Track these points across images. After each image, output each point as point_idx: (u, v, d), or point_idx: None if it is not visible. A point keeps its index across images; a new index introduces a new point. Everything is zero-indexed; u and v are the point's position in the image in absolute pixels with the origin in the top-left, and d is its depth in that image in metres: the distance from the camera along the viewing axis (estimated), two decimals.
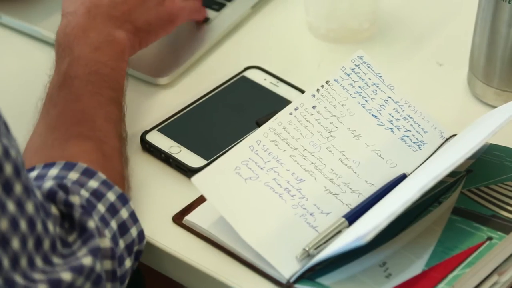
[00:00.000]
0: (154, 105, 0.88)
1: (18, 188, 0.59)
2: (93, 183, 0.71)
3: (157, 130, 0.84)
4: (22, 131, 0.62)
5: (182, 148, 0.82)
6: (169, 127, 0.84)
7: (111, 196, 0.71)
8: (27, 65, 0.91)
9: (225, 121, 0.85)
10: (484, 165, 0.77)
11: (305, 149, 0.78)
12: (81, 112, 0.76)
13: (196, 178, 0.73)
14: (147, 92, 0.89)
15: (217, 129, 0.85)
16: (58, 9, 0.93)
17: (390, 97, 0.81)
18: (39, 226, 0.61)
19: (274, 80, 0.88)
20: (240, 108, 0.86)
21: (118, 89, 0.80)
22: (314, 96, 0.80)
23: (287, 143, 0.78)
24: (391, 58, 0.92)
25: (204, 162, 0.81)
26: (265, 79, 0.88)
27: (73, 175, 0.70)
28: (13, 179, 0.59)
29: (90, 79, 0.78)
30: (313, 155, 0.78)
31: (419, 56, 0.92)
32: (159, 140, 0.83)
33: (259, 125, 0.81)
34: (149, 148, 0.83)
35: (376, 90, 0.82)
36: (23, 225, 0.59)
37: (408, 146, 0.80)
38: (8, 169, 0.58)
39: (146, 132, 0.83)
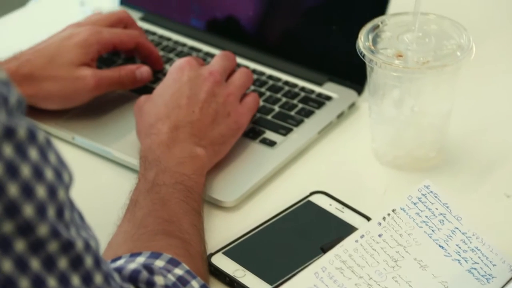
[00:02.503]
0: (220, 227, 0.88)
1: (98, 279, 0.60)
2: (178, 271, 0.73)
3: (222, 253, 0.84)
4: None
5: (246, 272, 0.82)
6: (234, 250, 0.84)
7: (195, 284, 0.73)
8: (98, 185, 0.93)
9: (290, 246, 0.85)
10: None
11: (371, 278, 0.77)
12: (168, 214, 0.80)
13: None
14: (212, 214, 0.90)
15: (282, 253, 0.85)
16: (129, 131, 0.96)
17: (457, 228, 0.81)
18: None
19: (340, 206, 0.88)
20: (305, 233, 0.86)
21: (199, 201, 0.85)
22: (380, 224, 0.80)
23: (352, 271, 0.77)
24: (458, 188, 0.92)
25: (269, 287, 0.80)
26: (330, 205, 0.89)
27: (159, 263, 0.73)
28: (93, 271, 0.60)
29: (176, 187, 0.83)
30: (379, 284, 0.77)
31: (486, 187, 0.92)
32: (224, 263, 0.83)
33: (324, 251, 0.81)
34: (213, 271, 0.83)
35: (443, 220, 0.81)
36: None
37: (476, 279, 0.79)
38: (89, 261, 0.59)
39: (211, 254, 0.84)
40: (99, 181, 0.94)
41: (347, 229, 0.85)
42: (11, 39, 1.13)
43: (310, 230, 0.87)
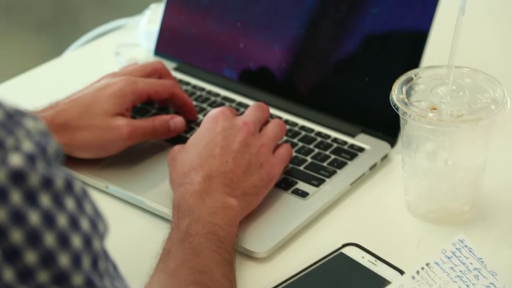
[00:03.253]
0: (251, 278, 0.88)
1: None
2: None
3: None
4: None
5: None
6: None
7: None
8: (131, 234, 0.93)
9: None
10: None
11: None
12: (201, 265, 0.81)
13: None
14: (244, 264, 0.89)
15: None
16: (162, 180, 0.96)
17: (492, 284, 0.80)
18: None
19: (372, 259, 0.88)
20: (338, 286, 0.86)
21: (231, 252, 0.84)
22: (414, 278, 0.80)
23: None
24: (493, 242, 0.91)
25: None
26: (363, 257, 0.88)
27: None
28: None
29: (208, 238, 0.83)
30: None
31: None
32: None
33: None
34: None
35: (478, 276, 0.81)
36: None
37: None
38: None
39: None
40: (132, 230, 0.94)
41: (380, 283, 0.84)
42: (47, 88, 1.14)
43: (343, 282, 0.86)
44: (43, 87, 1.15)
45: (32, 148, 0.56)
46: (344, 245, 0.90)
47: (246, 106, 1.08)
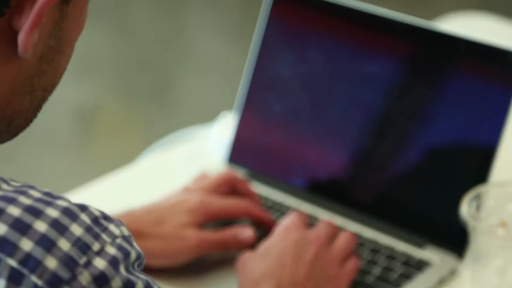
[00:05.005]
0: None
1: None
2: None
3: None
4: None
5: None
6: None
7: None
8: None
9: None
10: None
11: None
12: None
13: None
14: None
15: None
16: (230, 286, 0.97)
17: None
18: None
19: None
20: None
21: None
22: None
23: None
24: None
25: None
26: None
27: None
28: None
29: None
30: None
31: None
32: None
33: None
34: None
35: None
36: None
37: None
38: None
39: None
40: None
41: None
42: (120, 195, 1.15)
43: None
44: (116, 193, 1.17)
45: (116, 253, 0.58)
46: None
47: (312, 216, 1.09)
